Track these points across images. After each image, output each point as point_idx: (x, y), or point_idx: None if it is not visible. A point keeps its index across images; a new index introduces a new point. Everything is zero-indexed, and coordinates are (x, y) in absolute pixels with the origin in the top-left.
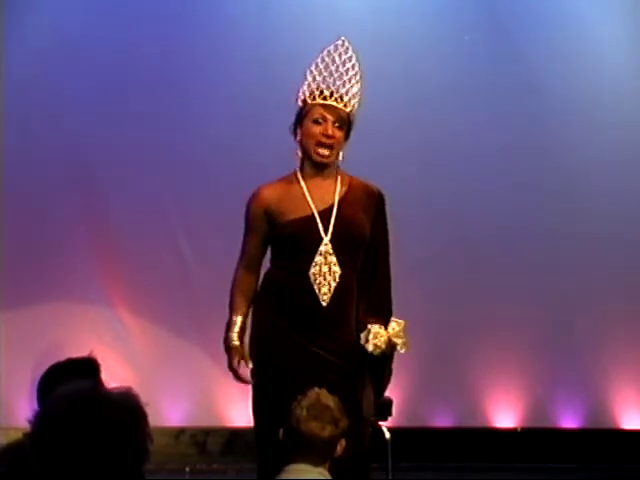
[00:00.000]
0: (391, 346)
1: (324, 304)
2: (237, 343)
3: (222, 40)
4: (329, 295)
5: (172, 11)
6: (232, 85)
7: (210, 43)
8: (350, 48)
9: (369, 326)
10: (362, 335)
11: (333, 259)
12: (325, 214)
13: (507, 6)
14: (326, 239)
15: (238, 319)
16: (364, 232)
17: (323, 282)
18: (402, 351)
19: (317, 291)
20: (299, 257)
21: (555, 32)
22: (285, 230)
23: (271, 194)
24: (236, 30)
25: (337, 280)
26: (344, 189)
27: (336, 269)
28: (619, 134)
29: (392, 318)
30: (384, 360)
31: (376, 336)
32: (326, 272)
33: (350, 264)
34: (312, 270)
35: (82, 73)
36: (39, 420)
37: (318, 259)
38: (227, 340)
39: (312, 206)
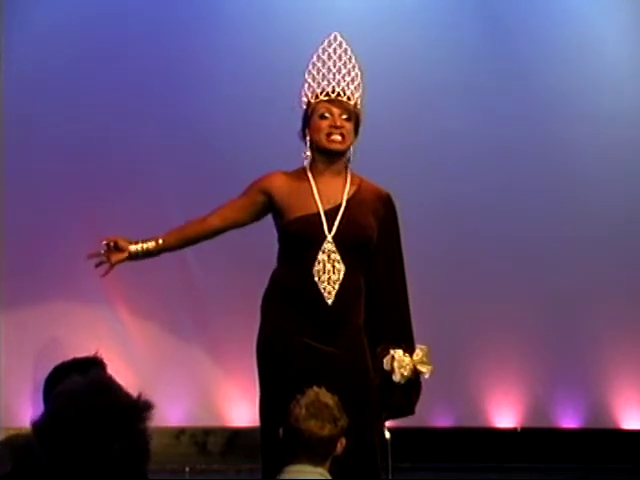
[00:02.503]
0: (416, 373)
1: (329, 302)
2: (134, 245)
3: (223, 40)
4: (334, 293)
5: (173, 9)
6: (234, 85)
7: (211, 43)
8: (344, 42)
9: (392, 352)
10: (385, 360)
11: (337, 257)
12: (331, 213)
13: (507, 5)
14: (329, 237)
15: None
16: (369, 234)
17: (327, 280)
18: (426, 377)
19: (321, 289)
20: (303, 255)
21: (555, 31)
22: (290, 227)
23: (283, 185)
24: (237, 30)
25: (341, 278)
26: (353, 189)
27: (340, 267)
28: (620, 134)
29: (417, 345)
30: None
31: (401, 364)
32: (330, 270)
33: (355, 263)
34: (315, 268)
35: (83, 71)
36: (46, 414)
37: (321, 257)
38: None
39: (319, 204)
